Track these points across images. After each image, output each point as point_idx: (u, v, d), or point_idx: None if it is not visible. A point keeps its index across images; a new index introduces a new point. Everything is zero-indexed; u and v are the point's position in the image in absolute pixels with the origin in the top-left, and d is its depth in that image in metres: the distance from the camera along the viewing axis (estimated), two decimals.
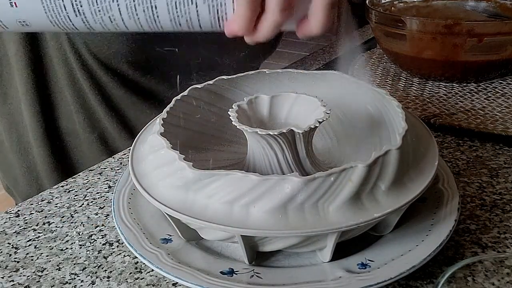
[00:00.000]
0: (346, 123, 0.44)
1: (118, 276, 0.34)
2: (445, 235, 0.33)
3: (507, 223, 0.38)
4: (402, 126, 0.34)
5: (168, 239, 0.35)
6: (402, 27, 0.63)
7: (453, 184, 0.38)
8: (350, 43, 0.45)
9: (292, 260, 0.33)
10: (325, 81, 0.44)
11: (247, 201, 0.29)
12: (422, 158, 0.34)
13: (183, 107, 0.41)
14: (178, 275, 0.30)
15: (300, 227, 0.28)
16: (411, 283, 0.32)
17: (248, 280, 0.31)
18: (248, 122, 0.37)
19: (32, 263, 0.36)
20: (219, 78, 0.43)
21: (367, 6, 0.69)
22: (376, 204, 0.30)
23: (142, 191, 0.32)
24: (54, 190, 0.46)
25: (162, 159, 0.33)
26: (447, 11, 0.75)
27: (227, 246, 0.35)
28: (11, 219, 0.42)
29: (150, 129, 0.40)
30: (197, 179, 0.31)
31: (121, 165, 0.50)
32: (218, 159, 0.42)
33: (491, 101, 0.59)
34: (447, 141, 0.52)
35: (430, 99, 0.61)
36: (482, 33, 0.58)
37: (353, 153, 0.42)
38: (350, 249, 0.33)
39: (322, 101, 0.37)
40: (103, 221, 0.41)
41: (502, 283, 0.27)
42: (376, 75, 0.70)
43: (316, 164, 0.38)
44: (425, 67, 0.65)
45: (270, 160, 0.36)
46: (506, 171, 0.45)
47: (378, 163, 0.30)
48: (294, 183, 0.29)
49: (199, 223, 0.29)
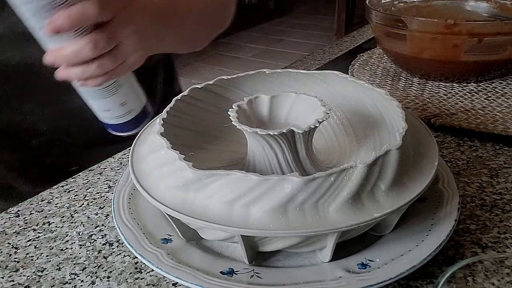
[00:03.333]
0: (346, 123, 0.44)
1: (118, 276, 0.34)
2: (445, 235, 0.33)
3: (507, 223, 0.38)
4: (402, 126, 0.34)
5: (168, 239, 0.35)
6: (402, 27, 0.63)
7: (453, 184, 0.38)
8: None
9: (292, 260, 0.33)
10: (325, 81, 0.44)
11: (247, 201, 0.29)
12: (422, 158, 0.34)
13: (183, 107, 0.41)
14: (178, 275, 0.30)
15: (300, 227, 0.28)
16: (411, 283, 0.32)
17: (248, 280, 0.31)
18: (248, 122, 0.37)
19: (32, 263, 0.36)
20: (219, 78, 0.43)
21: (367, 6, 0.69)
22: (376, 204, 0.30)
23: (142, 191, 0.32)
24: (54, 190, 0.46)
25: (162, 159, 0.33)
26: (447, 11, 0.75)
27: (227, 246, 0.35)
28: (11, 219, 0.42)
29: (150, 129, 0.40)
30: (197, 179, 0.31)
31: (121, 165, 0.50)
32: (218, 159, 0.42)
33: (491, 101, 0.59)
34: (447, 141, 0.52)
35: (430, 99, 0.61)
36: (482, 33, 0.58)
37: (353, 153, 0.42)
38: (350, 249, 0.33)
39: (322, 101, 0.37)
40: (103, 221, 0.41)
41: (502, 283, 0.27)
42: (376, 75, 0.70)
43: (316, 164, 0.38)
44: (425, 67, 0.65)
45: (270, 160, 0.36)
46: (506, 171, 0.45)
47: (378, 163, 0.30)
48: (294, 183, 0.29)
49: (199, 223, 0.29)
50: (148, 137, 0.37)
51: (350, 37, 0.96)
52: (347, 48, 0.87)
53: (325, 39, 3.67)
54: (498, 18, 0.71)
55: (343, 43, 0.91)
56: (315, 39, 3.74)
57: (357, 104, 0.43)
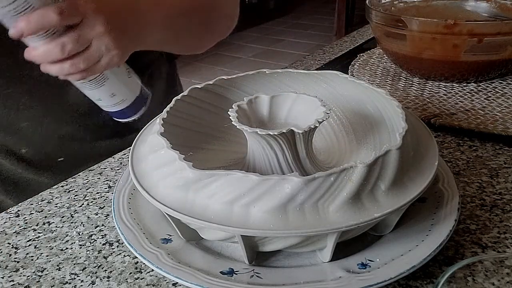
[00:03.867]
0: (346, 123, 0.44)
1: (118, 276, 0.34)
2: (445, 235, 0.33)
3: (507, 223, 0.38)
4: (402, 126, 0.34)
5: (168, 239, 0.35)
6: (402, 27, 0.63)
7: (453, 184, 0.38)
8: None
9: (292, 260, 0.33)
10: (325, 81, 0.44)
11: (247, 201, 0.29)
12: (422, 158, 0.34)
13: (183, 107, 0.41)
14: (178, 275, 0.30)
15: (300, 227, 0.28)
16: (411, 283, 0.32)
17: (248, 280, 0.31)
18: (248, 122, 0.37)
19: (32, 263, 0.36)
20: (219, 78, 0.43)
21: (367, 6, 0.69)
22: (376, 204, 0.30)
23: (142, 191, 0.32)
24: (54, 190, 0.46)
25: (162, 159, 0.33)
26: (447, 11, 0.75)
27: (227, 246, 0.35)
28: (11, 219, 0.42)
29: (150, 129, 0.40)
30: (197, 179, 0.31)
31: (121, 165, 0.50)
32: (218, 159, 0.42)
33: (491, 101, 0.59)
34: (447, 141, 0.52)
35: (430, 99, 0.61)
36: (482, 33, 0.58)
37: (353, 153, 0.42)
38: (350, 249, 0.33)
39: (322, 101, 0.37)
40: (103, 221, 0.41)
41: (502, 283, 0.27)
42: (376, 75, 0.70)
43: (316, 164, 0.38)
44: (425, 67, 0.65)
45: (270, 160, 0.36)
46: (506, 171, 0.45)
47: (378, 163, 0.30)
48: (294, 183, 0.29)
49: (199, 223, 0.29)
50: (148, 137, 0.37)
51: (350, 37, 0.96)
52: (347, 48, 0.87)
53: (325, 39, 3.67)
54: (498, 18, 0.71)
55: (343, 43, 0.91)
56: (315, 39, 3.74)
57: (357, 104, 0.43)
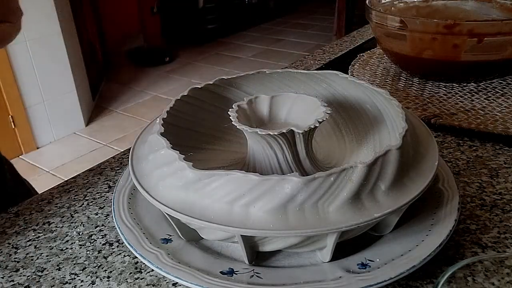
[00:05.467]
0: (346, 123, 0.44)
1: (118, 276, 0.34)
2: (445, 235, 0.33)
3: (507, 223, 0.38)
4: (402, 126, 0.34)
5: (168, 239, 0.35)
6: (402, 27, 0.63)
7: (453, 184, 0.38)
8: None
9: (292, 260, 0.33)
10: (325, 81, 0.44)
11: (247, 201, 0.29)
12: (422, 158, 0.34)
13: (183, 107, 0.41)
14: (178, 275, 0.30)
15: (300, 227, 0.28)
16: (411, 283, 0.32)
17: (248, 280, 0.31)
18: (248, 122, 0.37)
19: (32, 263, 0.36)
20: (219, 78, 0.43)
21: (367, 6, 0.69)
22: (376, 204, 0.30)
23: (142, 191, 0.32)
24: (54, 190, 0.46)
25: (162, 159, 0.33)
26: (447, 11, 0.75)
27: (227, 246, 0.35)
28: (11, 219, 0.42)
29: (150, 129, 0.40)
30: (197, 179, 0.31)
31: (121, 165, 0.50)
32: (218, 159, 0.42)
33: (491, 101, 0.59)
34: (447, 141, 0.52)
35: (430, 99, 0.61)
36: (482, 33, 0.58)
37: (353, 153, 0.42)
38: (350, 249, 0.33)
39: (322, 101, 0.37)
40: (103, 221, 0.41)
41: (502, 283, 0.27)
42: (376, 75, 0.70)
43: (316, 164, 0.38)
44: (425, 67, 0.65)
45: (270, 160, 0.36)
46: (506, 171, 0.45)
47: (378, 163, 0.30)
48: (294, 183, 0.29)
49: (199, 223, 0.29)
50: (148, 137, 0.37)
51: (350, 37, 0.96)
52: (347, 48, 0.87)
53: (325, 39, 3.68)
54: (498, 18, 0.71)
55: (343, 43, 0.91)
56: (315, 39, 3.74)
57: (357, 104, 0.43)
